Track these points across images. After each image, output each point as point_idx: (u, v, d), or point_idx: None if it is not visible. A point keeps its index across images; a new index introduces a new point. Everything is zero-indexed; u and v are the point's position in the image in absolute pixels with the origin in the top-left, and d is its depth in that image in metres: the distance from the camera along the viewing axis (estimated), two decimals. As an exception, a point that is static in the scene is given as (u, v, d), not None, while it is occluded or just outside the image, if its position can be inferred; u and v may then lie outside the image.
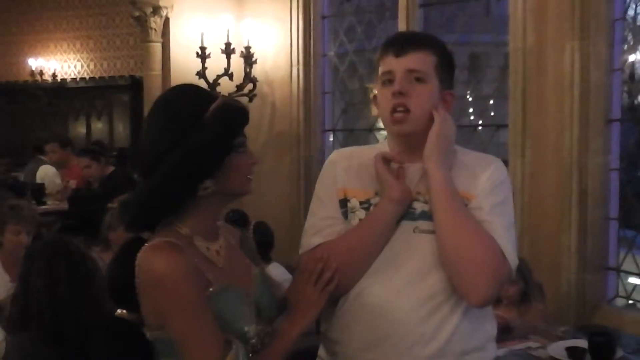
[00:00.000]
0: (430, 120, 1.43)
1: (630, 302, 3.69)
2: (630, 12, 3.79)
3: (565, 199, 3.64)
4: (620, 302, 3.72)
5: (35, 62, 8.90)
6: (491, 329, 1.48)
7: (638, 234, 3.72)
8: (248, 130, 1.31)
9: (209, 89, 1.36)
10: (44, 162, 5.84)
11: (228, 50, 4.67)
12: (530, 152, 3.83)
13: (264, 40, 4.95)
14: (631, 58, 4.67)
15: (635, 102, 5.77)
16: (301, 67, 4.86)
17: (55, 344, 1.98)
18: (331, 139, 5.13)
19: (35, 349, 1.99)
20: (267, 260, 3.37)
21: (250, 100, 4.90)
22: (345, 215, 1.45)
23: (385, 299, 1.38)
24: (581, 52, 3.57)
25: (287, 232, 4.85)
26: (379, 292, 1.39)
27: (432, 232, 1.39)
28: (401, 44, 1.45)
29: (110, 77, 8.68)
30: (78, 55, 9.00)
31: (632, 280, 3.70)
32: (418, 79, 1.42)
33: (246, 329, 1.27)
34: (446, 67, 1.46)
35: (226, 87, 4.79)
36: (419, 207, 1.42)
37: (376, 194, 1.44)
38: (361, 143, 5.02)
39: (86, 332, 1.83)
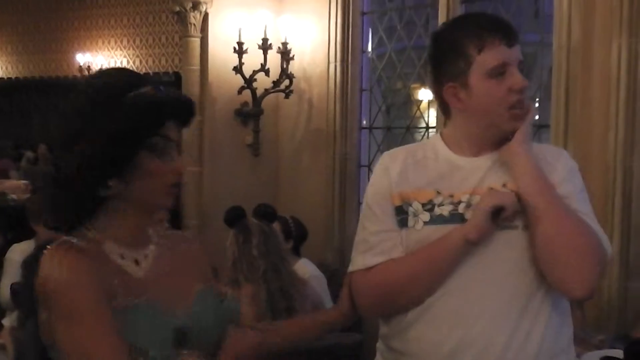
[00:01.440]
0: None
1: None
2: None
3: (608, 203, 3.50)
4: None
5: (83, 58, 9.11)
6: (570, 329, 1.41)
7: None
8: (285, 125, 1.22)
9: (142, 75, 1.25)
10: None
11: (265, 46, 4.67)
12: (572, 154, 3.67)
13: (302, 36, 4.92)
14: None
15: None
16: (339, 64, 4.81)
17: None
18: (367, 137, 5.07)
19: None
20: (298, 255, 3.35)
21: (287, 96, 4.89)
22: (404, 221, 1.36)
23: (463, 307, 1.29)
24: (629, 49, 3.43)
25: (320, 229, 4.83)
26: (456, 299, 1.30)
27: (516, 227, 1.32)
28: (509, 31, 1.36)
29: (154, 73, 8.82)
30: (125, 52, 9.18)
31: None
32: (522, 71, 1.37)
33: (151, 353, 1.08)
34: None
35: (263, 82, 4.79)
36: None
37: (438, 192, 1.35)
38: (399, 142, 4.96)
39: None
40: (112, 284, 1.09)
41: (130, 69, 1.25)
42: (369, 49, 4.98)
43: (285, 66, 4.78)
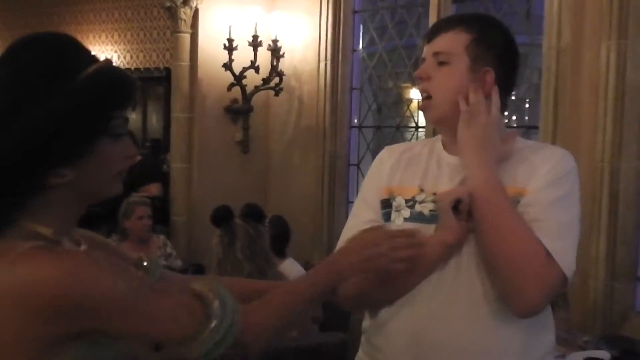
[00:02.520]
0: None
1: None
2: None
3: (595, 204, 3.51)
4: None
5: (73, 53, 9.03)
6: (552, 333, 1.36)
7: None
8: (274, 122, 1.20)
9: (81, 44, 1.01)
10: None
11: (255, 43, 4.66)
12: (560, 155, 3.70)
13: (292, 33, 4.91)
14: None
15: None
16: (329, 62, 4.81)
17: None
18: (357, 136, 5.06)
19: None
20: (282, 255, 3.32)
21: (277, 94, 4.88)
22: (388, 215, 1.36)
23: (434, 308, 1.28)
24: (618, 51, 3.43)
25: (309, 227, 4.83)
26: (426, 301, 1.29)
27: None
28: (434, 27, 1.39)
29: (145, 68, 8.77)
30: (115, 47, 9.11)
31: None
32: (441, 62, 1.32)
33: None
34: (485, 43, 1.33)
35: (252, 79, 4.78)
36: None
37: (421, 190, 1.34)
38: (389, 141, 4.95)
39: None
40: None
41: (68, 34, 1.02)
42: (360, 47, 4.98)
43: (275, 63, 4.77)
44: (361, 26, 4.97)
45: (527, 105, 5.27)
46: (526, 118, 5.36)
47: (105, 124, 0.96)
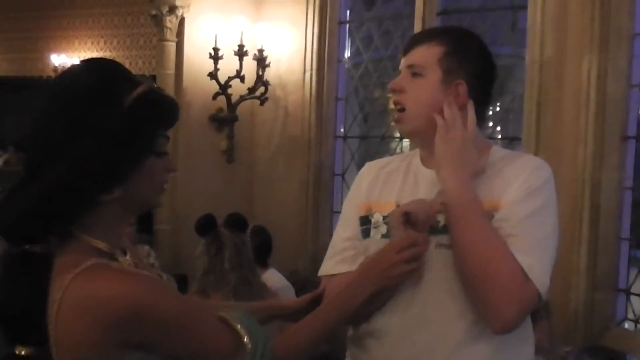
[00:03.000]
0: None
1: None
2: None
3: (576, 215, 3.55)
4: (628, 325, 3.61)
5: (58, 59, 9.00)
6: (529, 352, 1.36)
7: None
8: (259, 132, 1.21)
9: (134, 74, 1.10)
10: None
11: (240, 52, 4.66)
12: (543, 167, 3.74)
13: (278, 43, 4.93)
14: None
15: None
16: (315, 72, 4.82)
17: None
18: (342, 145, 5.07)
19: None
20: (265, 265, 3.31)
21: (262, 103, 4.88)
22: (367, 232, 1.36)
23: (406, 324, 1.29)
24: (599, 65, 3.48)
25: (294, 237, 4.83)
26: (399, 318, 1.30)
27: (446, 247, 1.28)
28: (410, 40, 1.41)
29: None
30: (101, 53, 9.06)
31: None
32: (415, 74, 1.33)
33: None
34: (458, 55, 1.33)
35: (238, 89, 4.78)
36: (442, 219, 1.30)
37: (397, 205, 1.33)
38: (374, 151, 4.97)
39: None
40: None
41: (109, 59, 1.11)
42: (346, 57, 5.00)
43: (261, 73, 4.78)
44: (347, 37, 5.00)
45: (511, 116, 5.32)
46: (509, 129, 5.41)
47: (152, 144, 1.04)
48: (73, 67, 1.08)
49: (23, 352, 1.03)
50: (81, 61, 1.09)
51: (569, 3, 3.69)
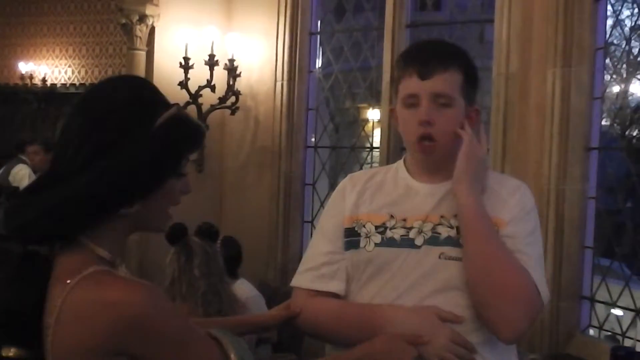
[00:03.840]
0: (456, 139, 1.34)
1: (608, 333, 3.65)
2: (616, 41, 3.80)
3: (542, 225, 3.58)
4: (593, 332, 3.68)
5: (25, 67, 8.88)
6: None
7: (613, 263, 3.69)
8: (230, 141, 1.21)
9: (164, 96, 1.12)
10: (23, 162, 5.75)
11: (211, 62, 4.66)
12: (509, 177, 3.80)
13: (249, 53, 4.94)
14: (616, 89, 4.67)
15: (628, 132, 5.81)
16: (285, 82, 4.84)
17: None
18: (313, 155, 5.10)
19: None
20: (235, 276, 3.30)
21: (233, 113, 4.88)
22: (355, 243, 1.37)
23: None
24: (562, 79, 3.57)
25: (264, 247, 4.82)
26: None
27: (460, 259, 1.30)
28: (426, 63, 1.33)
29: (118, 75, 8.61)
30: (70, 61, 8.97)
31: (615, 311, 3.65)
32: (445, 105, 1.32)
33: None
34: (472, 82, 1.37)
35: (208, 98, 4.77)
36: (443, 232, 1.33)
37: (391, 216, 1.36)
38: (344, 161, 5.00)
39: None
40: None
41: (144, 79, 1.15)
42: (317, 68, 5.03)
43: (231, 83, 4.78)
44: (320, 47, 5.03)
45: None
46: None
47: (177, 165, 1.07)
48: (111, 81, 1.11)
49: (11, 354, 1.03)
50: (119, 76, 1.12)
51: (533, 17, 3.77)
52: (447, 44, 1.45)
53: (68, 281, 0.99)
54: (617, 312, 3.66)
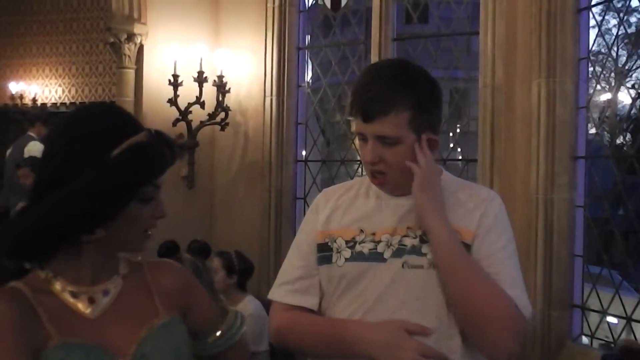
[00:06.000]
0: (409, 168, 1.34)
1: (602, 341, 3.66)
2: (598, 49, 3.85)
3: (531, 234, 3.63)
4: (586, 340, 3.69)
5: (16, 86, 8.89)
6: None
7: (603, 270, 3.71)
8: (220, 157, 1.21)
9: (136, 120, 1.15)
10: (33, 139, 5.75)
11: (200, 79, 4.69)
12: (498, 187, 3.84)
13: (238, 70, 4.97)
14: (604, 97, 4.73)
15: (618, 140, 5.86)
16: (274, 98, 4.87)
17: None
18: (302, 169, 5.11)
19: None
20: (243, 290, 3.36)
21: (223, 129, 4.90)
22: (327, 258, 1.39)
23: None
24: (547, 89, 3.60)
25: (255, 262, 4.79)
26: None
27: (421, 267, 1.32)
28: (368, 108, 1.32)
29: (91, 103, 8.64)
30: (60, 80, 8.99)
31: (610, 319, 3.66)
32: (391, 143, 1.33)
33: None
34: (424, 112, 1.34)
35: (198, 115, 4.79)
36: (409, 242, 1.35)
37: (361, 230, 1.38)
38: (335, 175, 5.02)
39: None
40: (46, 327, 1.03)
41: (118, 107, 1.16)
42: (305, 82, 5.07)
43: (221, 99, 4.81)
44: (309, 62, 5.07)
45: (469, 138, 5.44)
46: (468, 151, 5.52)
47: (134, 193, 1.06)
48: (91, 107, 1.12)
49: None
50: (85, 106, 1.14)
51: (517, 29, 3.82)
52: (395, 77, 1.34)
53: None
54: (612, 319, 3.67)
